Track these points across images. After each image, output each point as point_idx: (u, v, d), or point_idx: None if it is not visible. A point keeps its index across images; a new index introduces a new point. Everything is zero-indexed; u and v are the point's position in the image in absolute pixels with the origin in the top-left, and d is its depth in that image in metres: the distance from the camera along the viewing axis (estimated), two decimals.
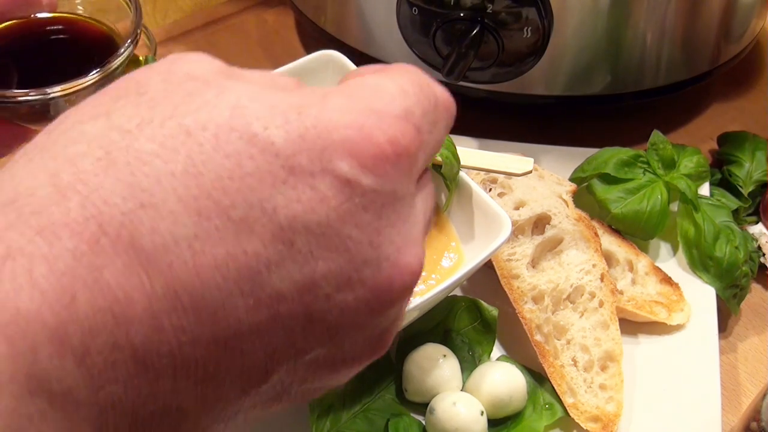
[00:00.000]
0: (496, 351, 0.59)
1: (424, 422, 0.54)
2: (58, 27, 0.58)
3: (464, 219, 0.57)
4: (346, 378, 0.33)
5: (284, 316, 0.28)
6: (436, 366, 0.54)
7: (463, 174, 0.57)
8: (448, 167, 0.55)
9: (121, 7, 0.58)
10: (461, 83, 0.67)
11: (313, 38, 0.82)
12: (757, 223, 0.68)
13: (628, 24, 0.68)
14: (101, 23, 0.59)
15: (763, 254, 0.66)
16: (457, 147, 0.56)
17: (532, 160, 0.57)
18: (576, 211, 0.62)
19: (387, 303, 0.30)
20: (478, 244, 0.55)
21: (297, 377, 0.31)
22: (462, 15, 0.66)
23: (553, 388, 0.56)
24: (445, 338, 0.57)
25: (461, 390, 0.55)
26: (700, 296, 0.62)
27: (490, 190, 0.63)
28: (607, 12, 0.67)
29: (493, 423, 0.54)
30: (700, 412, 0.56)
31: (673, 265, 0.65)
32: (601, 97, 0.72)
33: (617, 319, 0.58)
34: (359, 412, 0.54)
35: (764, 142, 0.71)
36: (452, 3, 0.66)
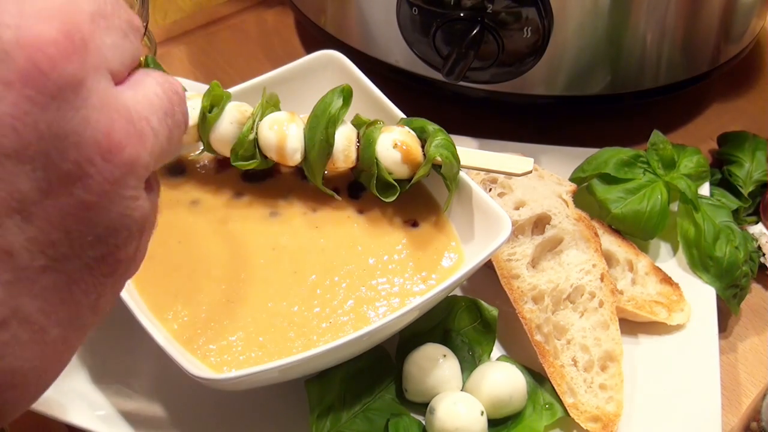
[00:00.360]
0: (496, 351, 0.59)
1: (424, 422, 0.54)
2: None
3: (464, 219, 0.57)
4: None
5: None
6: (436, 366, 0.55)
7: (463, 174, 0.57)
8: (448, 167, 0.55)
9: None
10: (461, 83, 0.67)
11: (313, 38, 0.82)
12: (757, 223, 0.68)
13: (628, 24, 0.68)
14: None
15: (763, 254, 0.66)
16: (457, 147, 0.56)
17: (532, 160, 0.57)
18: (576, 211, 0.62)
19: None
20: (478, 244, 0.55)
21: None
22: (462, 15, 0.66)
23: (553, 388, 0.56)
24: (445, 338, 0.57)
25: (461, 390, 0.55)
26: (700, 296, 0.62)
27: (490, 190, 0.63)
28: (607, 12, 0.67)
29: (493, 423, 0.54)
30: (700, 412, 0.56)
31: (673, 265, 0.65)
32: (601, 97, 0.72)
33: (617, 319, 0.58)
34: (359, 412, 0.54)
35: (764, 142, 0.72)
36: (452, 3, 0.66)
